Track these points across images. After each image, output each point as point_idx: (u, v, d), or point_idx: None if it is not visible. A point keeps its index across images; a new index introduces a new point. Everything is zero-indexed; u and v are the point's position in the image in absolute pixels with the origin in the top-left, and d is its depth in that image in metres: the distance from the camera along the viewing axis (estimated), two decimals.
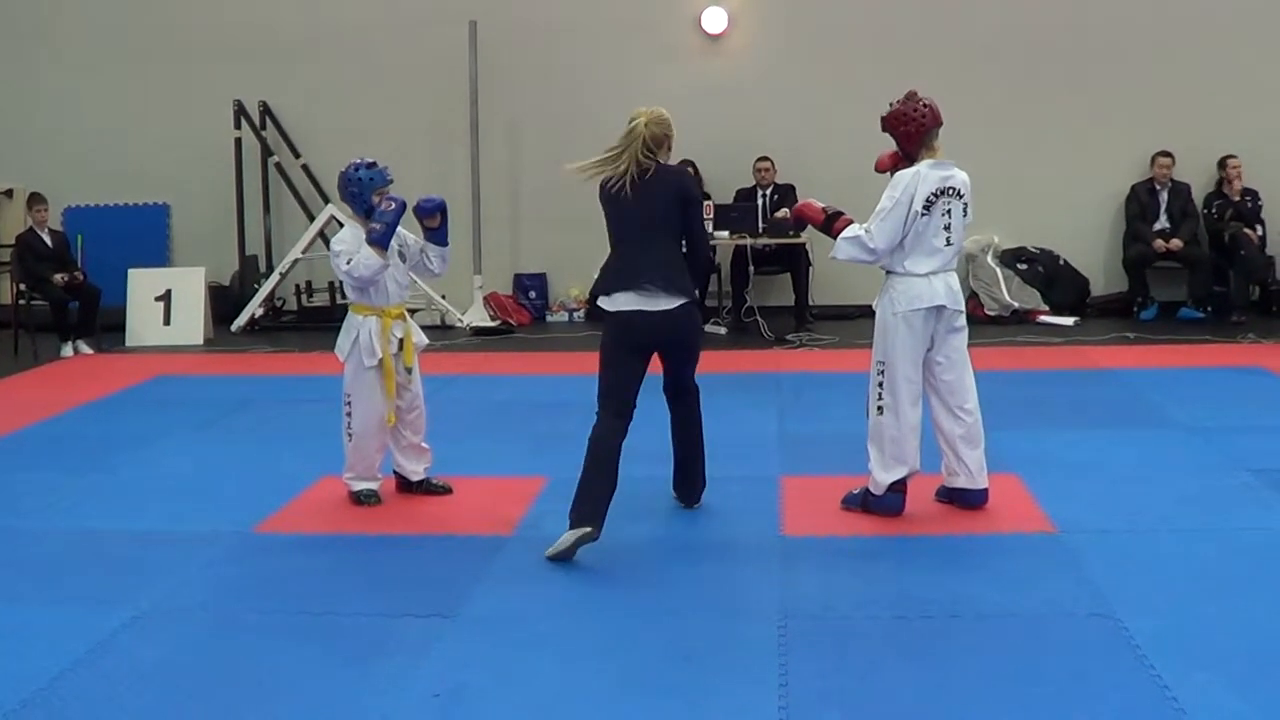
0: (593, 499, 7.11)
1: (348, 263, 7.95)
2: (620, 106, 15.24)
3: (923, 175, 7.71)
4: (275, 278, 15.73)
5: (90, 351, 14.32)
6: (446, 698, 5.43)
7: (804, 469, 8.43)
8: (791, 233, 14.53)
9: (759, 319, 14.47)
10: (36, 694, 5.59)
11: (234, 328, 15.45)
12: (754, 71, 15.84)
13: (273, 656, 5.92)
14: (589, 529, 7.00)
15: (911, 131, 7.80)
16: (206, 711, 5.40)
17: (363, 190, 8.09)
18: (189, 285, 15.19)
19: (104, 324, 14.74)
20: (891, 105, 7.87)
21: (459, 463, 8.97)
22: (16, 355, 14.28)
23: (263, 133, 16.21)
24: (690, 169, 15.02)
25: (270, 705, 5.43)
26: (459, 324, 15.09)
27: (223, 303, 15.77)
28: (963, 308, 7.75)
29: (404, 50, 16.01)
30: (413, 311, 15.17)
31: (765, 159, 15.14)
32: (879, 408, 7.69)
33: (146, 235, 16.50)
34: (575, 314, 15.69)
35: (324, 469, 8.92)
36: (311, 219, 15.82)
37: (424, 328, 14.82)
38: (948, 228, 7.64)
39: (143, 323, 15.06)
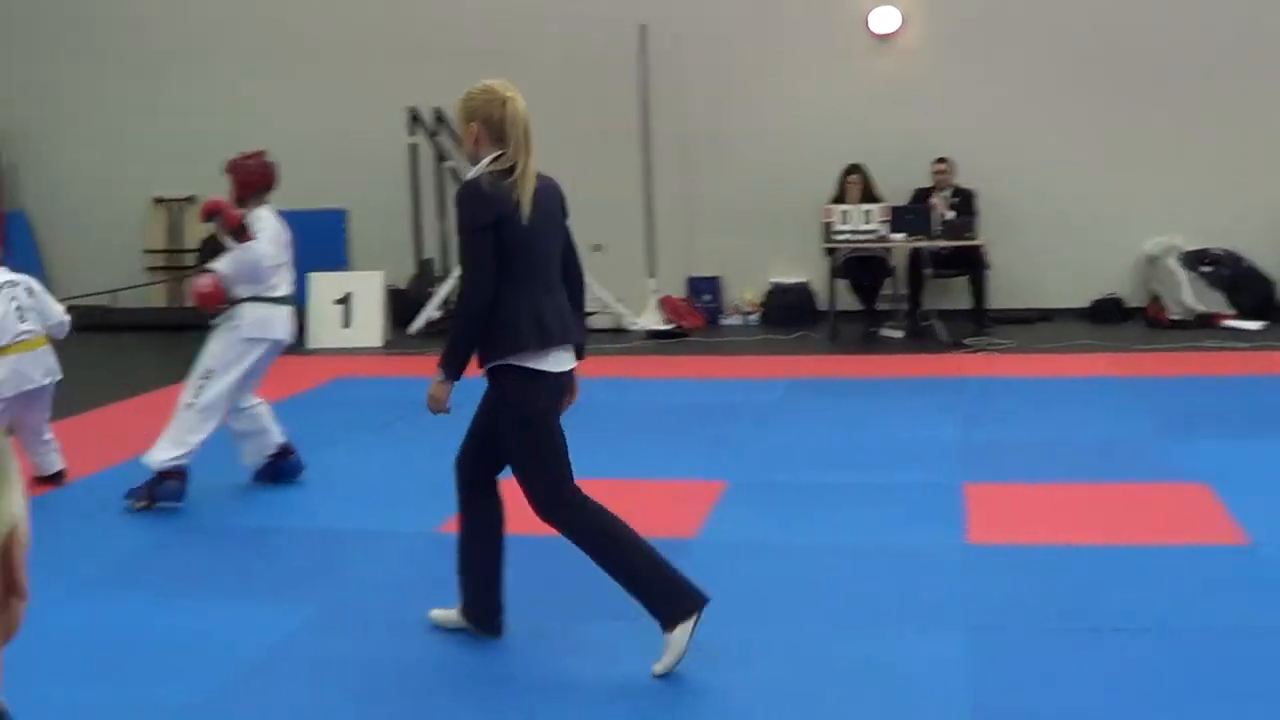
0: (678, 578, 5.80)
1: None
2: (790, 108, 15.35)
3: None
4: (451, 281, 15.83)
5: None
6: (630, 702, 5.42)
7: (988, 476, 8.30)
8: (967, 234, 14.38)
9: (935, 322, 14.32)
10: (220, 691, 5.68)
11: (411, 330, 15.58)
12: (928, 71, 15.66)
13: (452, 657, 5.96)
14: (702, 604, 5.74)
15: (253, 181, 8.82)
16: (387, 711, 5.45)
17: None
18: (368, 289, 15.37)
19: None
20: (243, 157, 8.98)
21: (637, 465, 8.97)
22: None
23: (437, 138, 16.33)
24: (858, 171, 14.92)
25: (450, 706, 5.47)
26: (633, 327, 15.09)
27: (400, 306, 15.93)
28: None
29: (575, 55, 16.03)
30: (589, 314, 15.36)
31: (943, 160, 14.96)
32: (189, 404, 8.51)
33: (325, 240, 16.67)
34: (749, 317, 15.63)
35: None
36: None
37: (598, 331, 15.05)
38: None
39: (323, 325, 15.25)
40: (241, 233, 8.60)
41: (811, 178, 15.07)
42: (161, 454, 8.40)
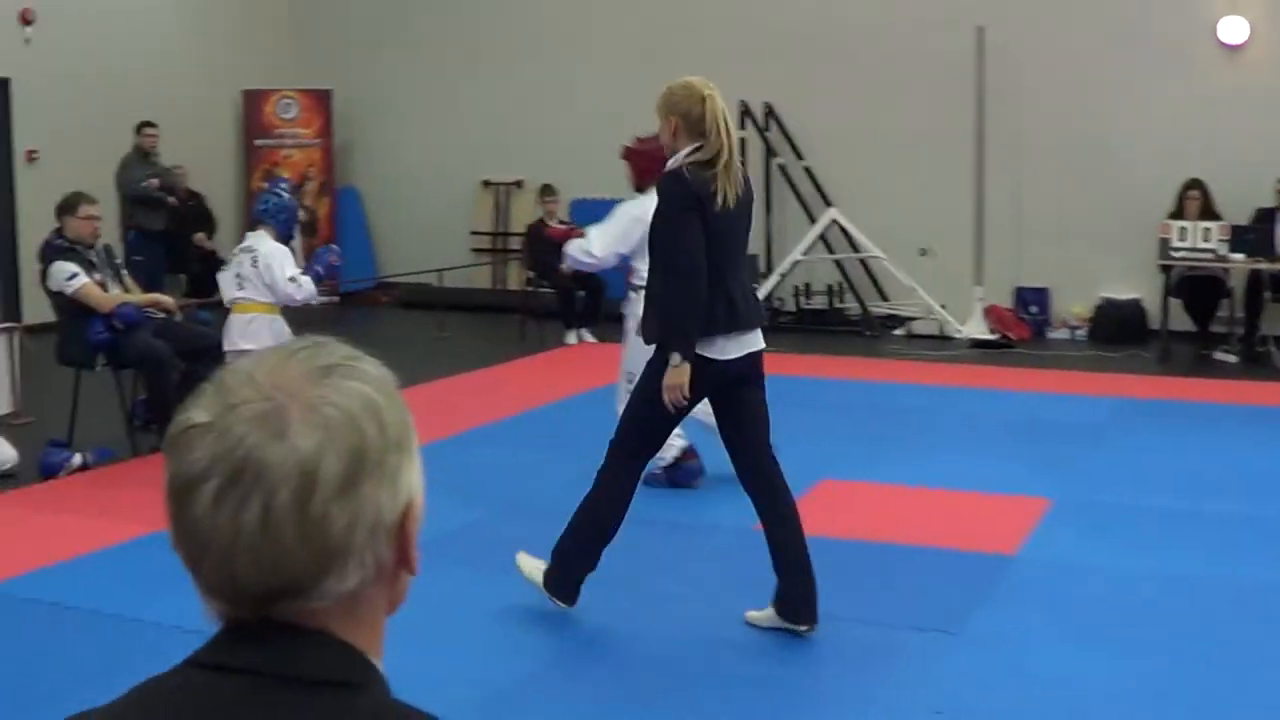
0: (585, 569, 6.27)
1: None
2: (1130, 117, 14.91)
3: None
4: (775, 279, 15.82)
5: (593, 340, 14.70)
6: (949, 716, 5.31)
7: None
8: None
9: (1273, 349, 13.78)
10: (546, 667, 5.85)
11: None
12: (1276, 85, 15.03)
13: (771, 655, 5.98)
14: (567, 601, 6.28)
15: (650, 166, 8.41)
16: (716, 705, 5.45)
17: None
18: None
19: (607, 314, 15.10)
20: (639, 142, 8.88)
21: (959, 477, 8.84)
22: (524, 340, 14.79)
23: (767, 134, 16.34)
24: None
25: (771, 702, 5.44)
26: (957, 335, 14.87)
27: None
28: None
29: (910, 55, 15.84)
30: (911, 320, 15.23)
31: None
32: None
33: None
34: (1077, 332, 15.26)
35: (824, 472, 8.89)
36: (813, 221, 15.86)
37: (920, 337, 14.87)
38: None
39: None
40: (569, 236, 8.87)
41: (1149, 191, 14.64)
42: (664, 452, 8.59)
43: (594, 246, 8.53)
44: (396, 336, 15.24)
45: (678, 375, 5.88)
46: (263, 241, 9.22)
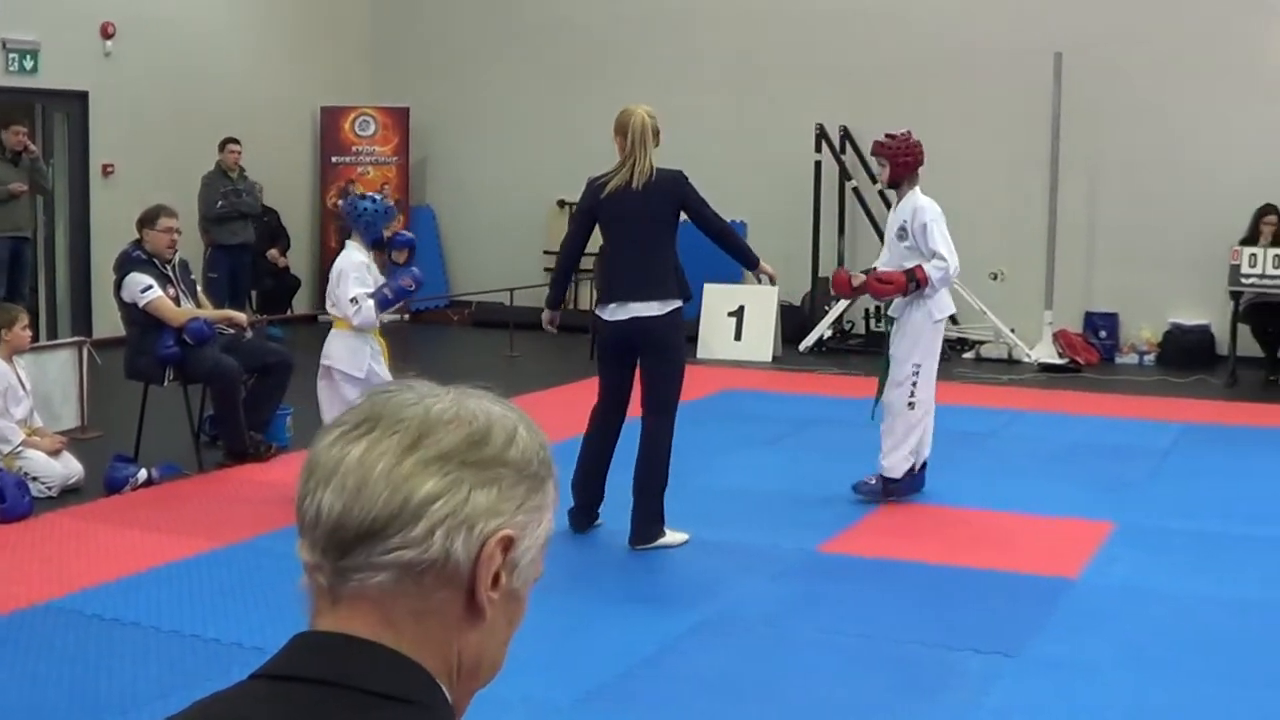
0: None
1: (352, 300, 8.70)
2: (1206, 143, 14.85)
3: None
4: (845, 301, 15.84)
5: None
6: None
7: None
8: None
9: None
10: (603, 687, 5.84)
11: (802, 347, 15.61)
12: None
13: (831, 676, 6.00)
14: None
15: (913, 161, 9.03)
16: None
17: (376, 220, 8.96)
18: (761, 303, 15.45)
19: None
20: (905, 137, 9.01)
21: (1022, 500, 8.87)
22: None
23: (842, 156, 16.37)
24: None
25: None
26: (1026, 359, 14.86)
27: (791, 322, 16.00)
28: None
29: (986, 80, 15.86)
30: (980, 343, 15.24)
31: None
32: (910, 404, 8.70)
33: (723, 251, 16.82)
34: (1145, 357, 15.22)
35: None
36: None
37: (989, 360, 14.87)
38: None
39: (715, 336, 15.43)
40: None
41: (1221, 217, 14.57)
42: (898, 465, 8.76)
43: (950, 258, 9.03)
44: (467, 355, 15.38)
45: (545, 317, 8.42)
46: (345, 254, 8.91)
